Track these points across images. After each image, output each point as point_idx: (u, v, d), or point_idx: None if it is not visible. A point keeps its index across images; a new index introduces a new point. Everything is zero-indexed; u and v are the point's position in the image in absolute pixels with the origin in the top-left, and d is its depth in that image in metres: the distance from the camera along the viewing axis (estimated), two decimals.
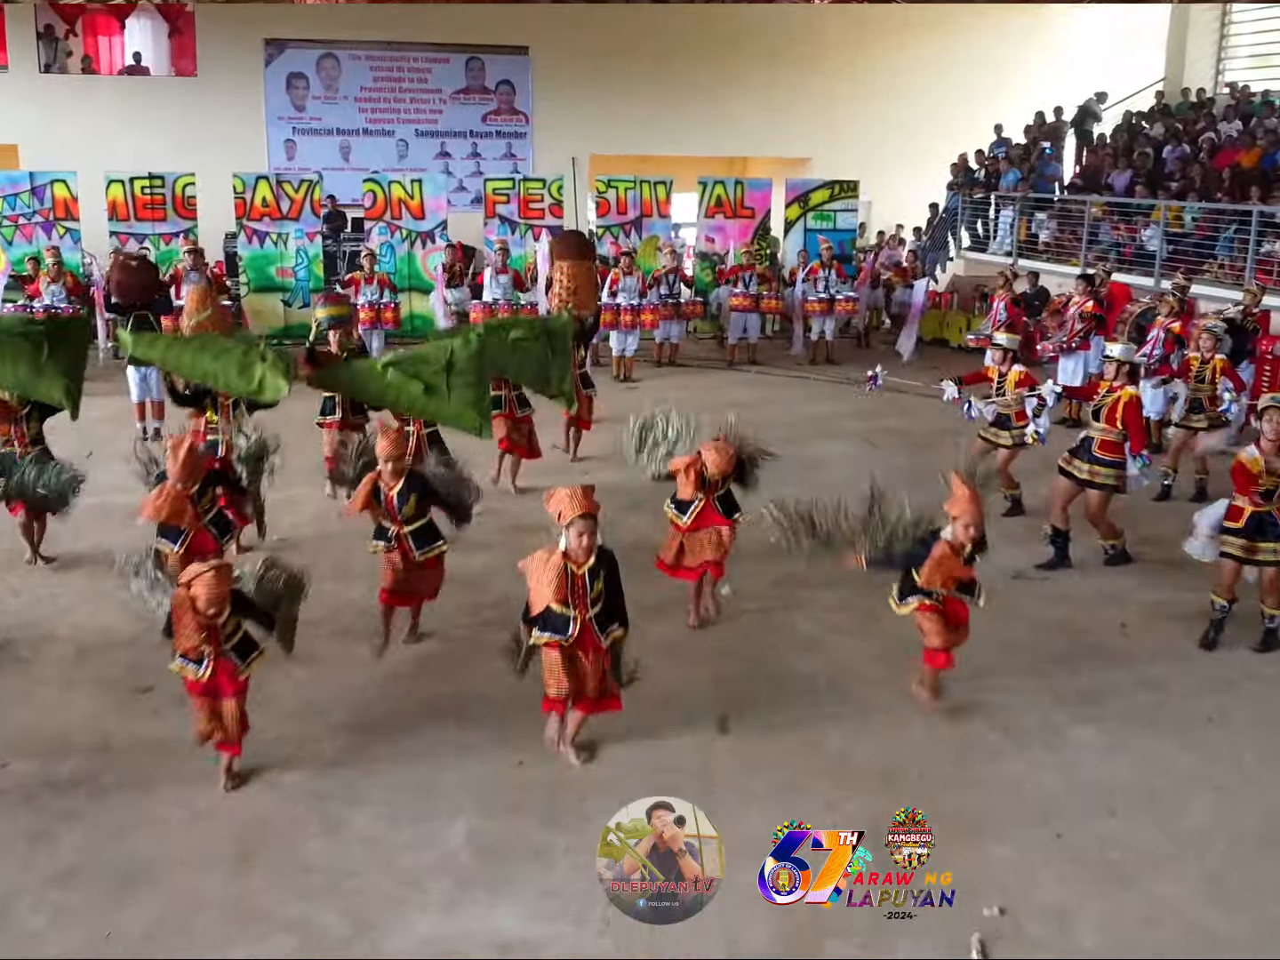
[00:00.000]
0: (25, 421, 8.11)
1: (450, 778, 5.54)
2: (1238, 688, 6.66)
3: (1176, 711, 6.34)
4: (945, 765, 5.70)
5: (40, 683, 6.50)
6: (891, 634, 6.72)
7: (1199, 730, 6.13)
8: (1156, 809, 5.37)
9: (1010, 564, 8.31)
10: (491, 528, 8.78)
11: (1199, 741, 6.00)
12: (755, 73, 22.42)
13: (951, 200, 19.99)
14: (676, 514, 7.21)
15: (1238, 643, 7.15)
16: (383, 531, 6.70)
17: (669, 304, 15.82)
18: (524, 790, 5.44)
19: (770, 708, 6.23)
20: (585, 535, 5.36)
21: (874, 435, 12.23)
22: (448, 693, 6.40)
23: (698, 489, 7.07)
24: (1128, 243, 16.57)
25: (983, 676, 6.56)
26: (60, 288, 13.90)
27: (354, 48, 21.48)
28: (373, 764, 5.64)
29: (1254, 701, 6.49)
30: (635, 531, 9.01)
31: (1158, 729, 6.11)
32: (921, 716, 6.15)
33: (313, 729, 5.97)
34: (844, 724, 6.10)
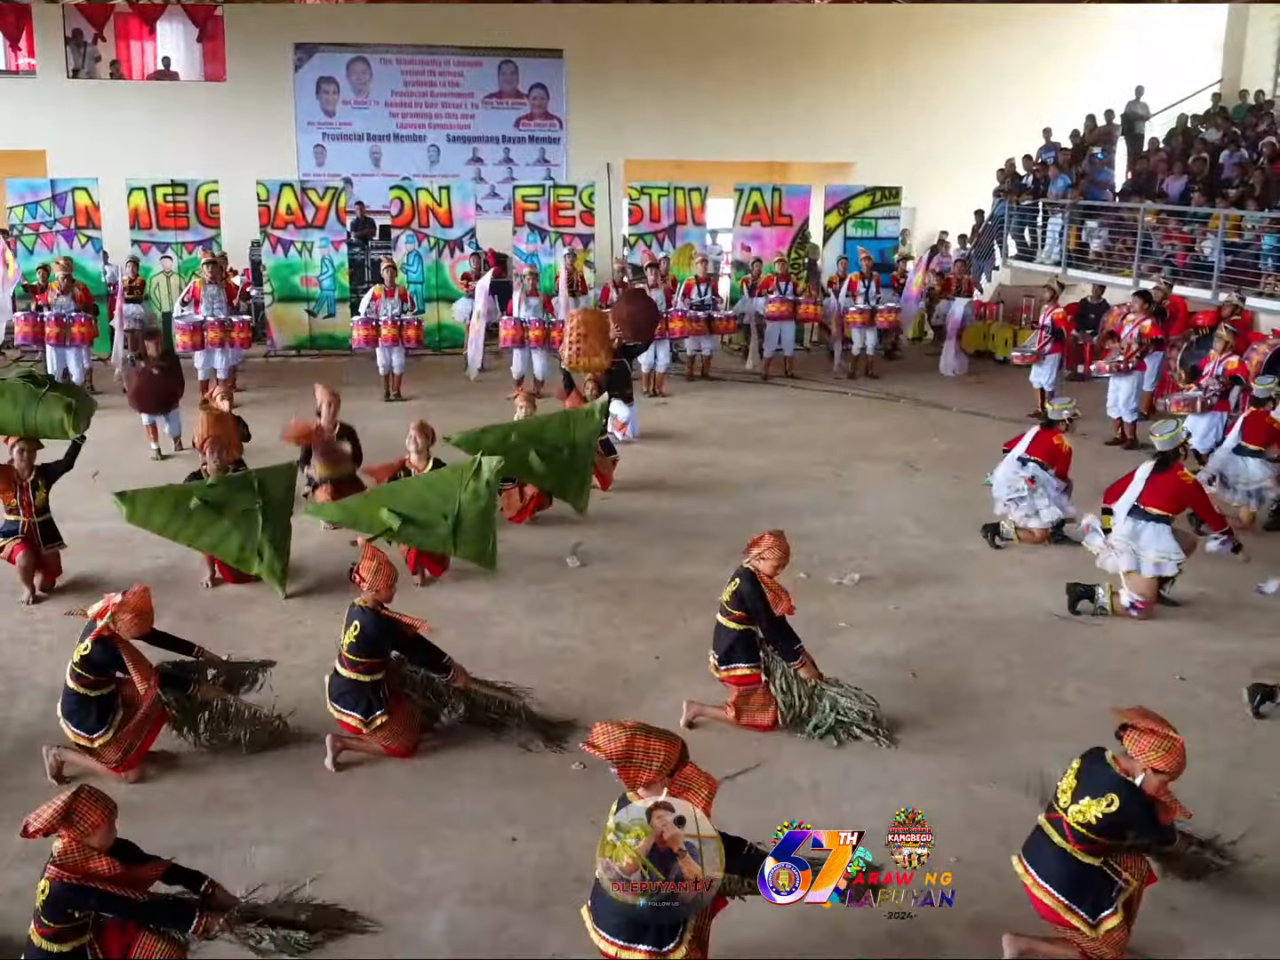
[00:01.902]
0: (32, 490, 7.90)
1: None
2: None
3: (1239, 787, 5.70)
4: (991, 848, 5.09)
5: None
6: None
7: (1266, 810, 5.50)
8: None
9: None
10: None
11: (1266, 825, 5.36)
12: (794, 76, 21.81)
13: (998, 207, 19.30)
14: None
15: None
16: None
17: (699, 318, 15.21)
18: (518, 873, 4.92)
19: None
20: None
21: (915, 458, 11.60)
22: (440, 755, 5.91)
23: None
24: (1182, 252, 15.79)
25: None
26: (69, 300, 13.60)
27: (385, 51, 21.07)
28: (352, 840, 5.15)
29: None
30: (657, 566, 8.54)
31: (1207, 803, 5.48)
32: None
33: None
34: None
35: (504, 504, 9.20)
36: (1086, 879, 4.24)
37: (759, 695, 6.03)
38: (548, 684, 6.48)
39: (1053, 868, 4.29)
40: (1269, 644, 7.22)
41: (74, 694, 5.58)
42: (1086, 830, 4.21)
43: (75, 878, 3.80)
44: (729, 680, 6.09)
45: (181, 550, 8.09)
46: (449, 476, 7.86)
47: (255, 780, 5.62)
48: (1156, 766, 4.17)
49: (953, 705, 6.43)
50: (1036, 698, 6.53)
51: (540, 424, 9.26)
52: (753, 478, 10.93)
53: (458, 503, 7.59)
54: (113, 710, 5.58)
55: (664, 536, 9.24)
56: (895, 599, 7.98)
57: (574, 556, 8.67)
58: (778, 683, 6.01)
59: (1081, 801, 4.23)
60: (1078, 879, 4.24)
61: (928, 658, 7.04)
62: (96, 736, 5.54)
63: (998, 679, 6.78)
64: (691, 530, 9.38)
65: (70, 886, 3.79)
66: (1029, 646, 7.24)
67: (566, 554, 8.71)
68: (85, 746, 5.58)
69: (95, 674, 5.53)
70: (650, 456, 11.57)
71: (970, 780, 5.64)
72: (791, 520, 9.03)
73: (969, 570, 8.61)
